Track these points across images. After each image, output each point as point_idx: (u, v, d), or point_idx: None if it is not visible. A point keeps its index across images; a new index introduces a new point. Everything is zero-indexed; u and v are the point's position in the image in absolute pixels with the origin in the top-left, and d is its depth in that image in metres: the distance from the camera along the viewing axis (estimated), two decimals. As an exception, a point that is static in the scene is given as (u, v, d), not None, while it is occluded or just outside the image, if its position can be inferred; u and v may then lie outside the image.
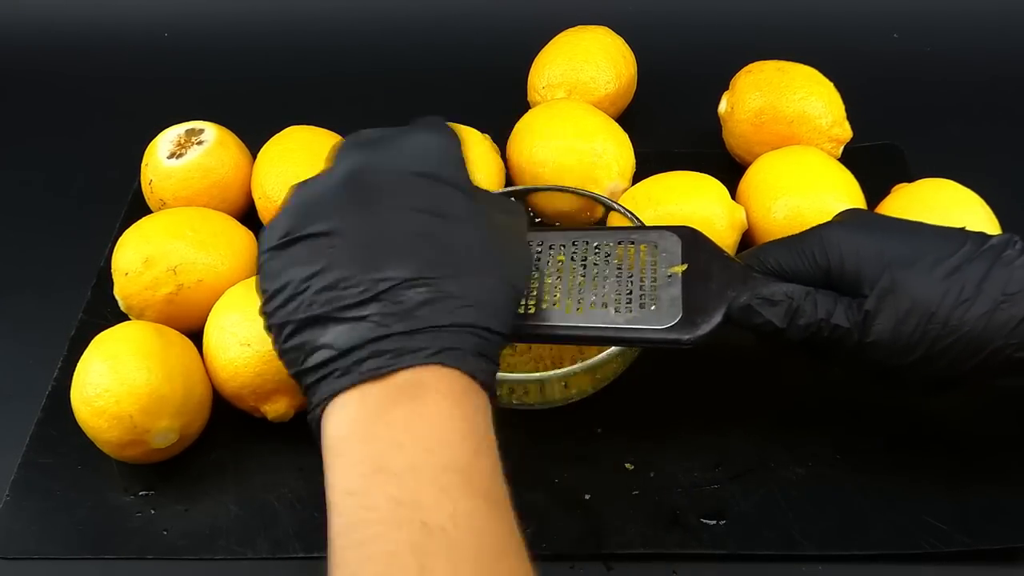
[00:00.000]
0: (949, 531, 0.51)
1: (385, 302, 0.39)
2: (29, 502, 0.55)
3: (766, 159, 0.65)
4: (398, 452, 0.37)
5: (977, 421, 0.55)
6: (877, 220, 0.51)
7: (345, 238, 0.40)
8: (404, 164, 0.42)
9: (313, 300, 0.39)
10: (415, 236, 0.40)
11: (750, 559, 0.51)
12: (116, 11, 0.90)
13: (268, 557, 0.52)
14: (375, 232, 0.40)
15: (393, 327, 0.38)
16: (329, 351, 0.39)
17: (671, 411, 0.57)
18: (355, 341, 0.38)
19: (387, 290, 0.39)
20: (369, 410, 0.38)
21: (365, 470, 0.36)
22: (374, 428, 0.37)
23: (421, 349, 0.38)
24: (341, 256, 0.40)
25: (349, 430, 0.38)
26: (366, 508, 0.36)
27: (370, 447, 0.37)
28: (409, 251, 0.40)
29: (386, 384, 0.38)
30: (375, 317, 0.39)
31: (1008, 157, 0.73)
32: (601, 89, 0.72)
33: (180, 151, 0.66)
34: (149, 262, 0.58)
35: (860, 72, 0.76)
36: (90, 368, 0.53)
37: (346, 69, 0.85)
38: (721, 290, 0.49)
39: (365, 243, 0.40)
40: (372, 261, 0.39)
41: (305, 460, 0.56)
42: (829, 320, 0.47)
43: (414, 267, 0.39)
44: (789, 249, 0.50)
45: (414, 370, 0.38)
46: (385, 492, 0.36)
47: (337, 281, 0.39)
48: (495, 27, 0.87)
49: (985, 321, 0.45)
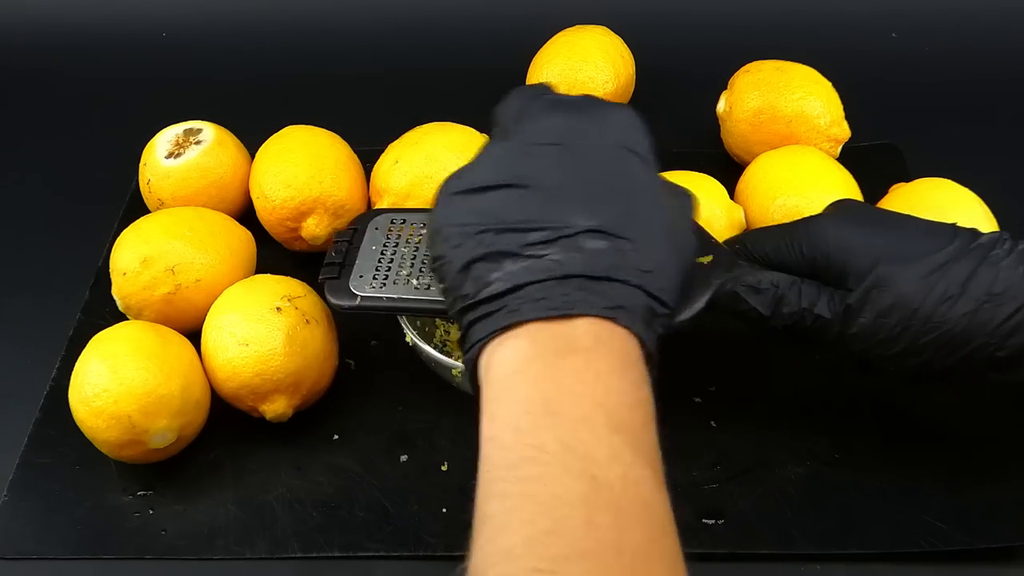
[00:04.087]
0: (949, 531, 0.51)
1: (567, 244, 0.39)
2: (27, 502, 0.55)
3: (764, 159, 0.65)
4: (572, 400, 0.36)
5: (977, 421, 0.55)
6: (866, 212, 0.51)
7: (538, 189, 0.40)
8: (606, 133, 0.43)
9: (494, 240, 0.39)
10: (604, 196, 0.40)
11: (749, 559, 0.51)
12: (114, 11, 0.89)
13: (267, 557, 0.52)
14: (567, 186, 0.40)
15: (571, 268, 0.38)
16: (502, 284, 0.38)
17: (670, 411, 0.57)
18: (531, 277, 0.38)
19: (571, 235, 0.39)
20: (542, 350, 0.37)
21: (535, 409, 0.36)
22: (547, 370, 0.37)
23: (597, 298, 0.38)
24: (530, 203, 0.40)
25: (519, 367, 0.37)
26: (534, 447, 0.35)
27: (542, 388, 0.36)
28: (597, 206, 0.40)
29: (560, 328, 0.37)
30: (556, 257, 0.38)
31: (1006, 156, 0.73)
32: (599, 88, 0.72)
33: (178, 151, 0.66)
34: (147, 262, 0.58)
35: (858, 72, 0.76)
36: (88, 368, 0.53)
37: (345, 69, 0.85)
38: (706, 277, 0.49)
39: (555, 194, 0.40)
40: (560, 209, 0.39)
41: (304, 460, 0.56)
42: (812, 310, 0.47)
43: (599, 220, 0.39)
44: (777, 238, 0.50)
45: (590, 321, 0.38)
46: (556, 436, 0.35)
47: (522, 223, 0.39)
48: (494, 27, 0.87)
49: (968, 320, 0.45)
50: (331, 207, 0.63)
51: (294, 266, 0.64)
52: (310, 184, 0.63)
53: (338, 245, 0.55)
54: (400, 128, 0.67)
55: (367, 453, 0.56)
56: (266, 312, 0.55)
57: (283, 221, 0.64)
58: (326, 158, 0.64)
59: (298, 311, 0.55)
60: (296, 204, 0.63)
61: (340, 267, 0.54)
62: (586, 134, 0.42)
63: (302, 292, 0.57)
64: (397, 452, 0.56)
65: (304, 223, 0.63)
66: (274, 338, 0.54)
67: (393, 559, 0.51)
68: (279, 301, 0.55)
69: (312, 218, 0.63)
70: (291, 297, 0.56)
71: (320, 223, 0.63)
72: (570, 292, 0.38)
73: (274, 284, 0.57)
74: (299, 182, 0.63)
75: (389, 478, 0.55)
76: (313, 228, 0.63)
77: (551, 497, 0.34)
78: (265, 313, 0.55)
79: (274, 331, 0.54)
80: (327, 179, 0.63)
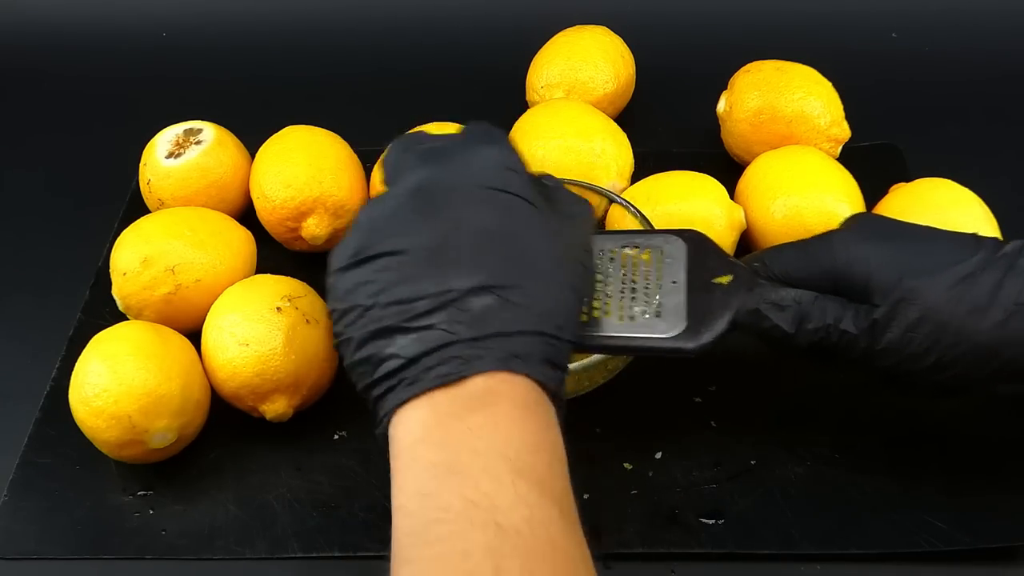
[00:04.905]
0: (949, 530, 0.51)
1: (452, 311, 0.39)
2: (27, 502, 0.55)
3: (765, 159, 0.65)
4: (473, 456, 0.37)
5: (976, 421, 0.55)
6: (887, 226, 0.50)
7: (413, 253, 0.41)
8: (471, 178, 0.43)
9: (382, 315, 0.40)
10: (481, 247, 0.41)
11: (749, 558, 0.51)
12: (114, 11, 0.89)
13: (267, 557, 0.52)
14: (442, 244, 0.41)
15: (461, 334, 0.39)
16: (397, 360, 0.39)
17: (670, 411, 0.57)
18: (423, 348, 0.39)
19: (454, 300, 0.39)
20: (441, 416, 0.38)
21: (439, 472, 0.37)
22: (447, 433, 0.38)
23: (489, 354, 0.38)
24: (409, 270, 0.40)
25: (421, 435, 0.38)
26: (439, 508, 0.36)
27: (444, 451, 0.37)
28: (475, 262, 0.40)
29: (457, 391, 0.38)
30: (443, 325, 0.39)
31: (1006, 156, 0.73)
32: (600, 89, 0.72)
33: (178, 151, 0.66)
34: (147, 262, 0.58)
35: (859, 72, 0.76)
36: (88, 368, 0.53)
37: (345, 69, 0.85)
38: (726, 297, 0.48)
39: (432, 255, 0.40)
40: (439, 272, 0.40)
41: (304, 460, 0.56)
42: (838, 326, 0.47)
43: (480, 277, 0.40)
44: (796, 255, 0.49)
45: (486, 377, 0.38)
46: (460, 493, 0.36)
47: (405, 294, 0.40)
48: (494, 27, 0.87)
49: (998, 330, 0.44)
50: (331, 207, 0.63)
51: (294, 266, 0.64)
52: (310, 184, 0.63)
53: None
54: (400, 128, 0.67)
55: (367, 453, 0.56)
56: (266, 312, 0.55)
57: (283, 221, 0.64)
58: (326, 158, 0.64)
59: (298, 311, 0.55)
60: (296, 204, 0.63)
61: None
62: (455, 185, 0.42)
63: (302, 292, 0.57)
64: (397, 452, 0.56)
65: (304, 223, 0.63)
66: (274, 338, 0.54)
67: (393, 559, 0.51)
68: (279, 301, 0.55)
69: (312, 218, 0.63)
70: (291, 297, 0.56)
71: (320, 223, 0.63)
72: (463, 353, 0.38)
73: (274, 284, 0.57)
74: (299, 182, 0.63)
75: (389, 478, 0.55)
76: (313, 228, 0.63)
77: (458, 554, 0.34)
78: (265, 313, 0.55)
79: (274, 331, 0.54)
80: (327, 179, 0.63)
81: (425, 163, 0.44)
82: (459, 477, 0.36)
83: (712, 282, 0.49)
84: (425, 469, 0.37)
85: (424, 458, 0.38)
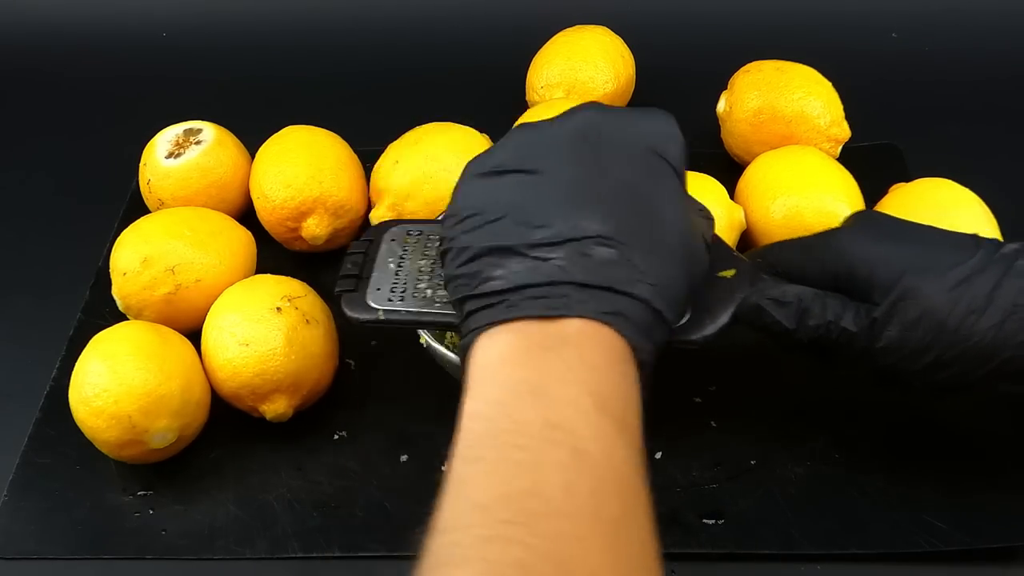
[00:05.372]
0: (948, 530, 0.51)
1: (572, 250, 0.39)
2: (27, 502, 0.55)
3: (765, 159, 0.65)
4: (559, 384, 0.36)
5: (976, 421, 0.55)
6: (888, 225, 0.50)
7: (554, 181, 0.40)
8: (635, 136, 0.42)
9: (503, 230, 0.39)
10: (620, 199, 0.40)
11: (749, 558, 0.51)
12: (114, 11, 0.89)
13: (267, 557, 0.52)
14: (585, 183, 0.40)
15: (574, 275, 0.38)
16: (503, 282, 0.39)
17: (670, 411, 0.57)
18: (535, 279, 0.38)
19: (579, 239, 0.39)
20: (532, 344, 0.37)
21: (522, 390, 0.36)
22: (534, 360, 0.37)
23: (595, 302, 0.38)
24: (545, 196, 0.40)
25: (508, 356, 0.37)
26: (517, 422, 0.35)
27: (529, 372, 0.37)
28: (611, 211, 0.40)
29: (551, 327, 0.38)
30: (559, 261, 0.38)
31: (1006, 157, 0.73)
32: (599, 89, 0.72)
33: (178, 151, 0.66)
34: (147, 262, 0.58)
35: (859, 72, 0.76)
36: (88, 368, 0.53)
37: (345, 69, 0.85)
38: (729, 290, 0.49)
39: (572, 190, 0.40)
40: (573, 209, 0.39)
41: (304, 460, 0.56)
42: (838, 323, 0.47)
43: (610, 227, 0.39)
44: (798, 253, 0.50)
45: (583, 322, 0.38)
46: (541, 413, 0.35)
47: (533, 217, 0.39)
48: (494, 27, 0.87)
49: (995, 331, 0.45)
50: (331, 207, 0.63)
51: (294, 266, 0.64)
52: (310, 184, 0.63)
53: (353, 257, 0.52)
54: (400, 128, 0.67)
55: (367, 453, 0.56)
56: (266, 312, 0.55)
57: (283, 221, 0.64)
58: (326, 158, 0.64)
59: (298, 311, 0.55)
60: (296, 204, 0.63)
61: (357, 279, 0.51)
62: (618, 133, 0.42)
63: (302, 292, 0.57)
64: (397, 452, 0.56)
65: (304, 223, 0.63)
66: (274, 338, 0.54)
67: (393, 559, 0.51)
68: (279, 301, 0.55)
69: (312, 218, 0.63)
70: (291, 297, 0.56)
71: (320, 223, 0.63)
72: (569, 294, 0.38)
73: (274, 284, 0.57)
74: (299, 182, 0.63)
75: (389, 478, 0.55)
76: (313, 228, 0.63)
77: (531, 461, 0.34)
78: (265, 313, 0.55)
79: (274, 331, 0.54)
80: (327, 179, 0.63)
81: (598, 109, 0.44)
82: (543, 399, 0.35)
83: (716, 276, 0.50)
84: (508, 385, 0.36)
85: (508, 375, 0.37)
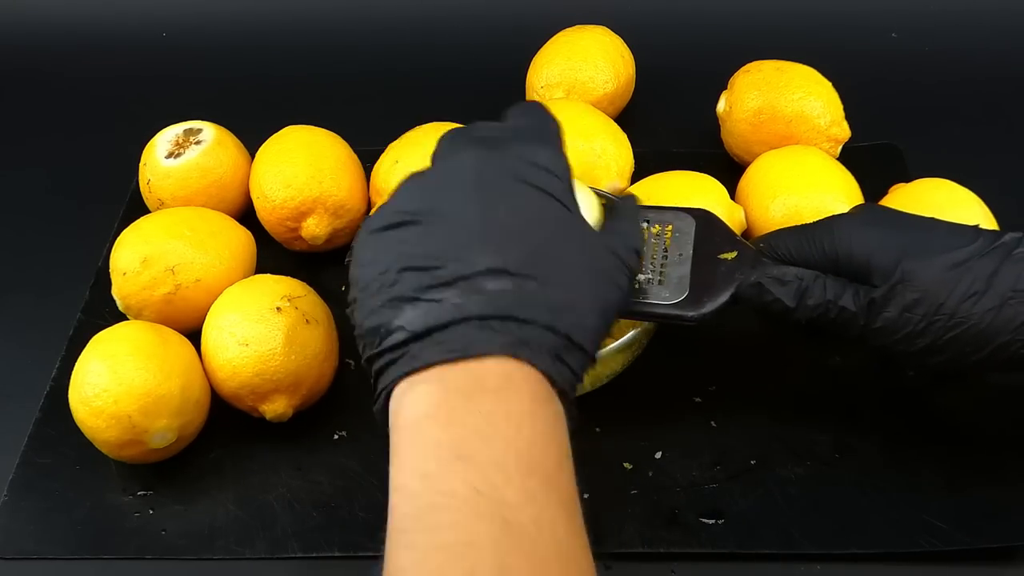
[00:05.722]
0: (949, 530, 0.51)
1: (466, 287, 0.38)
2: (27, 502, 0.55)
3: (765, 159, 0.65)
4: (481, 443, 0.36)
5: (977, 420, 0.55)
6: (889, 214, 0.51)
7: (439, 225, 0.40)
8: (515, 171, 0.42)
9: (397, 280, 0.39)
10: (508, 233, 0.40)
11: (749, 558, 0.51)
12: (114, 11, 0.89)
13: (266, 557, 0.52)
14: (470, 222, 0.40)
15: (471, 311, 0.38)
16: (403, 333, 0.38)
17: (669, 410, 0.57)
18: (431, 323, 0.38)
19: (471, 276, 0.39)
20: (450, 392, 0.37)
21: (444, 455, 0.35)
22: (456, 413, 0.36)
23: (497, 337, 0.38)
24: (432, 242, 0.40)
25: (427, 411, 0.37)
26: (443, 493, 0.34)
27: (451, 433, 0.36)
28: (500, 245, 0.40)
29: (468, 371, 0.37)
30: (454, 299, 0.38)
31: (1006, 156, 0.73)
32: (599, 89, 0.72)
33: (178, 151, 0.66)
34: (147, 262, 0.58)
35: (859, 72, 0.76)
36: (88, 368, 0.53)
37: (345, 69, 0.85)
38: (730, 271, 0.50)
39: (458, 231, 0.40)
40: (461, 248, 0.39)
41: (304, 460, 0.56)
42: (837, 303, 0.48)
43: (501, 260, 0.39)
44: (799, 237, 0.51)
45: (497, 362, 0.37)
46: (466, 480, 0.34)
47: (423, 264, 0.39)
48: (494, 27, 0.87)
49: (992, 316, 0.45)
50: (331, 207, 0.63)
51: (294, 266, 0.65)
52: (310, 184, 0.63)
53: None
54: (400, 128, 0.68)
55: (367, 453, 0.56)
56: (266, 312, 0.55)
57: (283, 221, 0.64)
58: (326, 158, 0.64)
59: (298, 311, 0.55)
60: (296, 204, 0.63)
61: None
62: (498, 173, 0.42)
63: (302, 292, 0.57)
64: (397, 452, 0.56)
65: (304, 223, 0.63)
66: (274, 338, 0.54)
67: (393, 559, 0.51)
68: (279, 301, 0.55)
69: (312, 218, 0.63)
70: (291, 297, 0.56)
71: (320, 223, 0.63)
72: (468, 332, 0.38)
73: (274, 284, 0.57)
74: (299, 182, 0.63)
75: (389, 478, 0.55)
76: (313, 228, 0.63)
77: (462, 544, 0.33)
78: (265, 313, 0.55)
79: (274, 331, 0.54)
80: (327, 179, 0.63)
81: (476, 146, 0.43)
82: (466, 464, 0.35)
83: (717, 257, 0.51)
84: (429, 448, 0.36)
85: (429, 436, 0.36)
